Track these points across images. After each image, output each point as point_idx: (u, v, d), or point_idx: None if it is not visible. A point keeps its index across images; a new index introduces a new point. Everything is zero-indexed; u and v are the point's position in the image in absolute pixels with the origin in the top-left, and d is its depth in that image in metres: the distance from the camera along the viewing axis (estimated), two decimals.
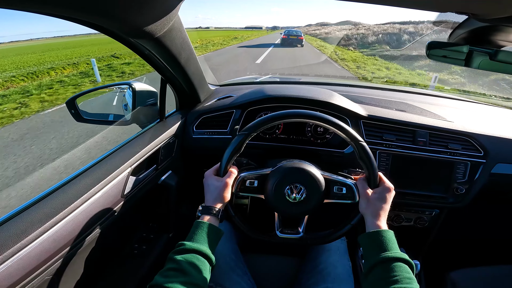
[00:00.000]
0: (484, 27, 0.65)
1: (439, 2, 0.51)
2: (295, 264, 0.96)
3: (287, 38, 17.74)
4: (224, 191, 0.70)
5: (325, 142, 1.12)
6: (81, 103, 1.15)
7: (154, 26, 0.66)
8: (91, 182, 0.73)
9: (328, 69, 8.79)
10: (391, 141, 1.02)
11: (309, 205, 0.72)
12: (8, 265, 0.51)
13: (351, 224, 0.74)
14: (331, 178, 0.74)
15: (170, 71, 0.96)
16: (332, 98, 1.05)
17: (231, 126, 1.11)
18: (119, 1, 0.53)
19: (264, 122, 0.72)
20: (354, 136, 0.70)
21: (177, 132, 1.09)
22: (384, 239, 0.60)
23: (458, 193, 1.02)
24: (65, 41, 48.10)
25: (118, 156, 0.85)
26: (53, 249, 0.60)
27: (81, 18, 0.55)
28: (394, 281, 0.52)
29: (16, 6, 0.44)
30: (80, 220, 0.67)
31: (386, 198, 0.67)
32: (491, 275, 1.01)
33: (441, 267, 1.13)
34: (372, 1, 0.55)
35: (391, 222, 1.13)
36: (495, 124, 1.12)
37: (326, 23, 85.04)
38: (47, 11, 0.49)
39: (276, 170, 0.74)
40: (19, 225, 0.57)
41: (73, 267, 0.70)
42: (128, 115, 1.12)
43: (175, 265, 0.54)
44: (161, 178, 1.03)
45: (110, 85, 1.31)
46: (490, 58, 0.63)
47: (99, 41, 28.53)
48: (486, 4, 0.48)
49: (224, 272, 0.82)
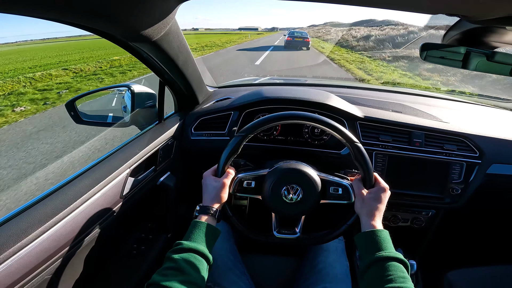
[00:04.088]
0: (477, 28, 0.66)
1: (429, 5, 0.52)
2: (293, 264, 0.96)
3: (292, 40, 16.65)
4: (222, 191, 0.70)
5: (322, 144, 1.12)
6: (80, 105, 1.16)
7: (152, 29, 0.67)
8: (90, 183, 0.73)
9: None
10: (387, 142, 1.03)
11: (306, 205, 0.73)
12: (8, 264, 0.52)
13: (347, 224, 0.75)
14: (327, 179, 0.75)
15: (168, 73, 0.97)
16: (329, 100, 1.06)
17: (229, 127, 1.12)
18: (117, 6, 0.54)
19: (262, 124, 0.73)
20: (349, 137, 0.71)
21: (175, 133, 1.10)
22: (378, 238, 0.60)
23: (454, 193, 1.03)
24: (61, 44, 47.08)
25: (117, 158, 0.86)
26: (53, 248, 0.61)
27: (80, 22, 0.56)
28: (389, 280, 0.53)
29: (15, 11, 0.45)
30: (79, 220, 0.68)
31: (381, 198, 0.68)
32: (488, 275, 1.01)
33: (438, 267, 1.13)
34: (365, 4, 0.57)
35: (388, 222, 1.14)
36: (490, 124, 1.13)
37: (336, 23, 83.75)
38: (46, 16, 0.49)
39: (273, 171, 0.75)
40: (19, 225, 0.58)
41: (72, 267, 0.71)
42: (127, 117, 1.13)
43: (173, 264, 0.55)
44: (160, 179, 1.04)
45: (109, 87, 1.32)
46: (487, 59, 0.64)
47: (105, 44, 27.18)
48: (476, 6, 0.50)
49: (222, 272, 0.83)
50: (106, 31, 0.65)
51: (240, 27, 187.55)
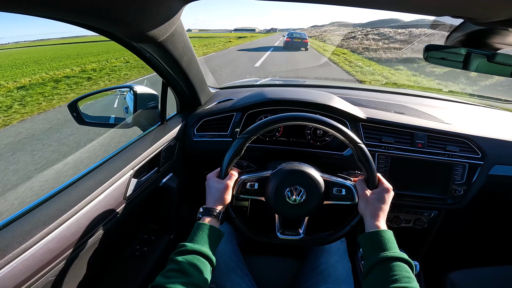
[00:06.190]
0: (480, 30, 0.66)
1: (435, 7, 0.52)
2: (295, 265, 0.96)
3: (291, 41, 17.00)
4: (225, 193, 0.70)
5: (325, 145, 1.12)
6: (83, 106, 1.16)
7: (157, 30, 0.67)
8: (94, 184, 0.74)
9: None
10: (390, 144, 1.03)
11: (309, 206, 0.73)
12: (13, 266, 0.52)
13: (351, 225, 0.75)
14: (330, 180, 0.75)
15: (171, 74, 0.97)
16: (332, 101, 1.06)
17: (231, 129, 1.12)
18: (124, 7, 0.54)
19: (264, 125, 0.73)
20: (352, 138, 0.71)
21: (178, 135, 1.10)
22: (383, 239, 0.60)
23: (456, 194, 1.03)
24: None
25: (120, 159, 0.86)
26: (57, 250, 0.61)
27: (85, 22, 0.56)
28: (394, 281, 0.53)
29: (20, 10, 0.45)
30: (83, 222, 0.68)
31: (385, 199, 0.68)
32: (490, 275, 1.01)
33: (440, 268, 1.13)
34: (371, 6, 0.57)
35: (390, 223, 1.14)
36: (492, 126, 1.13)
37: (343, 23, 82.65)
38: (52, 15, 0.49)
39: (276, 173, 0.75)
40: (24, 226, 0.58)
41: (76, 268, 0.71)
42: (129, 118, 1.13)
43: (176, 266, 0.55)
44: (162, 181, 1.04)
45: (112, 88, 1.32)
46: (488, 60, 0.64)
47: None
48: (481, 8, 0.50)
49: (224, 273, 0.83)
50: (111, 31, 0.65)
51: (236, 28, 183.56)
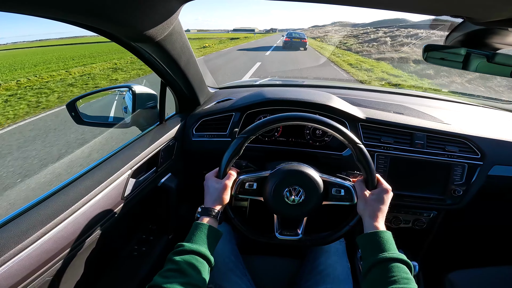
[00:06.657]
0: (480, 30, 0.66)
1: (434, 6, 0.52)
2: (294, 266, 0.96)
3: (290, 41, 17.27)
4: (223, 193, 0.70)
5: (324, 145, 1.12)
6: (81, 105, 1.15)
7: (156, 30, 0.67)
8: (91, 184, 0.73)
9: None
10: (389, 144, 1.03)
11: (308, 207, 0.73)
12: (9, 266, 0.52)
13: (350, 225, 0.75)
14: (329, 180, 0.75)
15: (170, 74, 0.97)
16: (331, 101, 1.05)
17: (230, 128, 1.12)
18: (122, 6, 0.54)
19: (263, 125, 0.73)
20: (352, 138, 0.70)
21: (176, 135, 1.10)
22: (381, 239, 0.60)
23: (456, 195, 1.03)
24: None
25: (118, 159, 0.86)
26: (54, 250, 0.60)
27: (84, 22, 0.56)
28: (392, 282, 0.53)
29: (20, 10, 0.45)
30: (80, 222, 0.67)
31: (384, 199, 0.68)
32: (490, 276, 1.01)
33: (439, 268, 1.13)
34: (371, 6, 0.57)
35: (389, 224, 1.14)
36: (492, 126, 1.13)
37: (345, 23, 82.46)
38: (51, 16, 0.49)
39: (275, 173, 0.75)
40: (20, 226, 0.58)
41: (73, 268, 0.71)
42: (128, 118, 1.13)
43: (174, 266, 0.55)
44: (161, 181, 1.04)
45: (110, 88, 1.31)
46: (488, 60, 0.64)
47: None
48: (481, 8, 0.49)
49: (223, 273, 0.83)
50: (109, 31, 0.65)
51: (235, 28, 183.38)
